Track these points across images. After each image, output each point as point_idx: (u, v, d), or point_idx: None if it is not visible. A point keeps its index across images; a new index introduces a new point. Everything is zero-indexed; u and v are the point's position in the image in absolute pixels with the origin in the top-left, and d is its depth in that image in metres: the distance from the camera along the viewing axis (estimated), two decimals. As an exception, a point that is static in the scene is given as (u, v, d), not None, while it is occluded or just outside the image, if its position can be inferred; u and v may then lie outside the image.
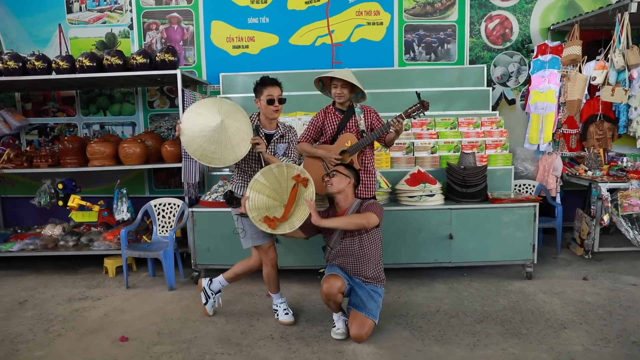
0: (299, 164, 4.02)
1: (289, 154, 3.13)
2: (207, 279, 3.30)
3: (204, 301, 3.27)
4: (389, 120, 3.22)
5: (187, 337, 2.94)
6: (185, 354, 2.72)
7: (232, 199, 3.10)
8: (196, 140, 2.81)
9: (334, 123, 3.40)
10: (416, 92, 3.27)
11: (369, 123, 3.36)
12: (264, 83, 3.00)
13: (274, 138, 3.08)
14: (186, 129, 2.83)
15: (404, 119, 3.18)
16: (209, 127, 2.79)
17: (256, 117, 3.09)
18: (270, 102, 2.97)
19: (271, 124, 3.09)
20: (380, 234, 3.02)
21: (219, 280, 3.25)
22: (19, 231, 4.80)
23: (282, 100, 3.01)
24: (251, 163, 3.06)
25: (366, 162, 3.37)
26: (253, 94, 3.07)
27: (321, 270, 3.02)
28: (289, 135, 3.14)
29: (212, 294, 3.26)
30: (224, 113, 2.83)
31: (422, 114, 3.24)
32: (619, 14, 4.19)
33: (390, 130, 3.21)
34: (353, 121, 3.36)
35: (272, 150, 3.07)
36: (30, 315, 3.35)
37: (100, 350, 2.80)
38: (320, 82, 3.48)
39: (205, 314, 3.26)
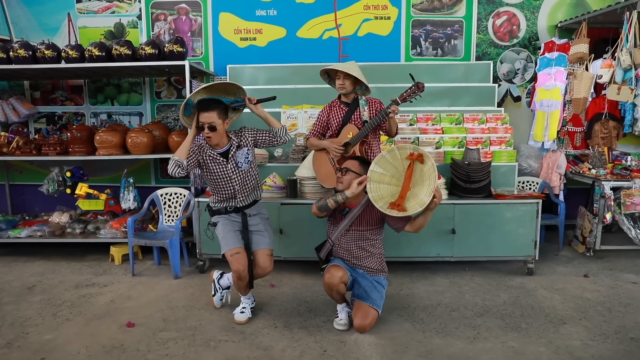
0: (306, 157, 4.06)
1: (258, 139, 3.02)
2: (219, 272, 3.27)
3: (212, 293, 3.26)
4: (384, 108, 3.25)
5: (192, 324, 3.00)
6: (191, 340, 2.78)
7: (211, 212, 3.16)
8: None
9: (339, 116, 3.43)
10: (410, 74, 3.29)
11: (372, 114, 3.39)
12: (198, 108, 2.84)
13: (231, 153, 2.93)
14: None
15: (398, 104, 3.22)
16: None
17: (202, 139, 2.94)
18: (200, 128, 2.83)
19: (220, 143, 2.92)
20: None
21: (228, 277, 3.20)
22: (26, 218, 4.87)
23: (212, 128, 2.79)
24: (222, 183, 2.98)
25: (373, 154, 3.40)
26: (259, 86, 3.07)
27: (324, 266, 3.04)
28: (243, 138, 2.98)
29: (220, 289, 3.24)
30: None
31: (418, 95, 3.25)
32: (628, 13, 4.18)
33: (388, 116, 3.22)
34: (357, 113, 3.39)
35: (234, 162, 2.93)
36: (39, 300, 3.42)
37: (107, 335, 2.86)
38: (327, 74, 3.51)
39: (212, 305, 3.28)
